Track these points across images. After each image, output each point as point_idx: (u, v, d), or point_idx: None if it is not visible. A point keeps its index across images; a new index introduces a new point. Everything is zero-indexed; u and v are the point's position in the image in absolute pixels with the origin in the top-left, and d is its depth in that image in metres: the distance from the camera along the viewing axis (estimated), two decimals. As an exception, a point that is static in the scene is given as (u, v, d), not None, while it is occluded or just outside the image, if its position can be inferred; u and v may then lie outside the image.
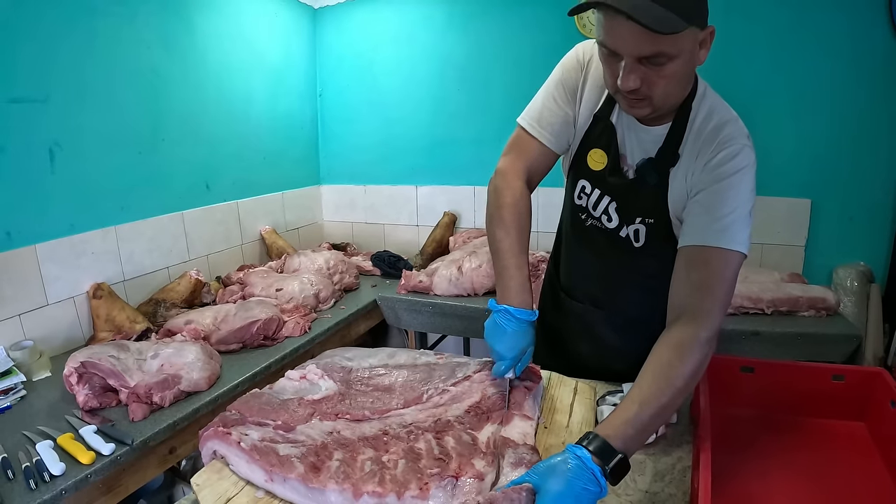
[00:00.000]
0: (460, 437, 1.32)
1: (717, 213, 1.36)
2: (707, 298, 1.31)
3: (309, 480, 1.20)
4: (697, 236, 1.38)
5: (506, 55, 3.79)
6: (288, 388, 1.65)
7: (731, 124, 1.44)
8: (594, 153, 1.61)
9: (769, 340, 2.78)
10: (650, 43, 1.22)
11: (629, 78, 1.29)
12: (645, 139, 1.53)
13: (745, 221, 1.35)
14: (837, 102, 3.16)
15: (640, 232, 1.59)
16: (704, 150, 1.43)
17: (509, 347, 1.47)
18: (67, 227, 2.69)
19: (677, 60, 1.27)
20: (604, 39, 1.30)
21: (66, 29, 2.60)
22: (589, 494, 1.06)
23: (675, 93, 1.39)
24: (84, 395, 2.10)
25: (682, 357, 1.24)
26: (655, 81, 1.30)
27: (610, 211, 1.62)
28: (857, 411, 1.58)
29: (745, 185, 1.38)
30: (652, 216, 1.55)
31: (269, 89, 3.95)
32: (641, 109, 1.38)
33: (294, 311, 2.95)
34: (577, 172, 1.68)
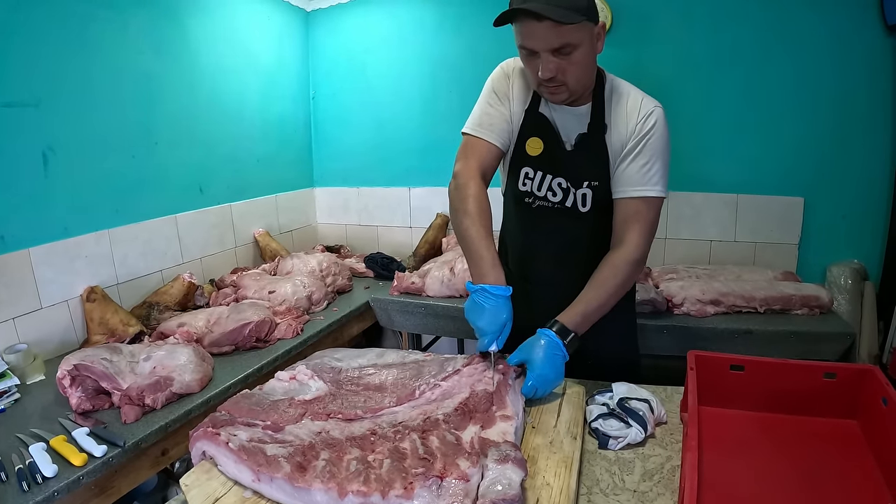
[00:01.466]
0: (444, 436, 1.32)
1: (640, 167, 1.75)
2: (634, 232, 1.77)
3: (295, 480, 1.20)
4: (626, 189, 1.77)
5: (497, 56, 3.71)
6: (278, 388, 1.66)
7: (642, 96, 1.78)
8: (531, 141, 1.88)
9: (762, 339, 2.80)
10: (557, 36, 1.56)
11: (547, 69, 1.62)
12: (573, 118, 1.83)
13: (662, 173, 1.76)
14: (830, 101, 3.18)
15: (587, 196, 1.85)
16: (630, 116, 1.76)
17: (489, 322, 1.68)
18: (61, 230, 2.70)
19: (581, 49, 1.61)
20: (523, 43, 1.64)
21: (59, 33, 2.62)
22: (558, 359, 1.66)
23: (584, 77, 1.70)
24: (77, 398, 2.10)
25: (616, 274, 1.76)
26: (567, 69, 1.63)
27: (553, 186, 1.88)
28: (848, 409, 1.54)
29: (659, 140, 1.74)
30: (597, 179, 1.83)
31: (262, 92, 3.97)
32: (560, 95, 1.71)
33: (286, 313, 2.96)
34: (517, 162, 1.94)
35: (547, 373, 1.64)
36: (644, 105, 1.75)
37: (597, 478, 1.40)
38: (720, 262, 3.55)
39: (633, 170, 1.75)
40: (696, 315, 2.94)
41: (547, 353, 1.65)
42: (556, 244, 1.98)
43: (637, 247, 1.77)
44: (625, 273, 1.76)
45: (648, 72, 3.35)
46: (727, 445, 1.48)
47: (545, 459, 1.38)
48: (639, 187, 1.75)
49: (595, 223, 1.89)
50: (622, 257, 1.77)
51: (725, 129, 3.38)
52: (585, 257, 1.90)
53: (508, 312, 1.69)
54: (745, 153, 3.37)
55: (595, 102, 1.80)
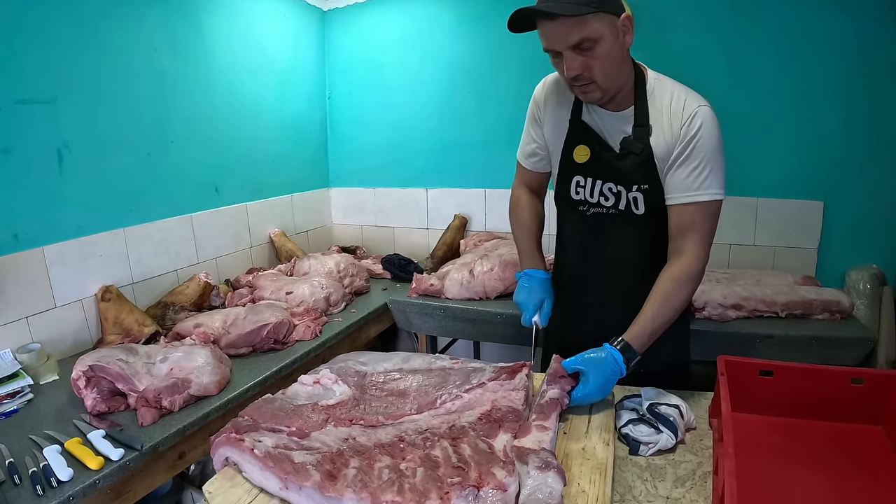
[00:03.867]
0: (476, 444, 1.30)
1: (691, 172, 1.70)
2: (693, 241, 1.73)
3: (325, 489, 1.17)
4: (678, 195, 1.73)
5: (515, 58, 3.77)
6: (301, 393, 1.63)
7: (688, 94, 1.73)
8: (578, 149, 1.88)
9: (783, 344, 2.75)
10: (573, 32, 1.55)
11: (570, 67, 1.61)
12: (617, 122, 1.80)
13: (716, 175, 1.70)
14: (849, 104, 3.13)
15: (638, 200, 1.81)
16: (675, 118, 1.71)
17: (527, 297, 2.00)
18: (75, 229, 2.67)
19: (602, 43, 1.58)
20: (544, 45, 1.64)
21: (74, 30, 2.59)
22: (613, 380, 1.64)
23: (613, 73, 1.66)
24: (92, 399, 2.07)
25: (679, 289, 1.72)
26: (592, 65, 1.61)
27: (605, 191, 1.86)
28: (875, 415, 1.57)
29: (709, 141, 1.68)
30: (645, 182, 1.78)
31: (278, 92, 3.94)
32: (592, 93, 1.68)
33: (304, 314, 2.93)
34: (567, 172, 1.94)
35: (595, 392, 1.63)
36: (688, 105, 1.70)
37: (629, 484, 1.40)
38: (739, 265, 3.51)
39: (683, 175, 1.71)
40: (718, 319, 2.90)
41: (605, 373, 1.63)
42: (614, 250, 1.95)
43: (697, 258, 1.74)
44: (688, 288, 1.74)
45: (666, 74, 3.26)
46: (756, 451, 1.50)
47: (579, 466, 1.37)
48: (690, 192, 1.71)
49: (651, 227, 1.85)
50: (683, 270, 1.73)
51: (745, 132, 3.32)
52: (644, 264, 1.89)
53: (546, 291, 2.02)
54: (765, 156, 3.32)
55: (638, 103, 1.75)
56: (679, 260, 1.74)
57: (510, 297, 3.25)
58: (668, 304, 1.71)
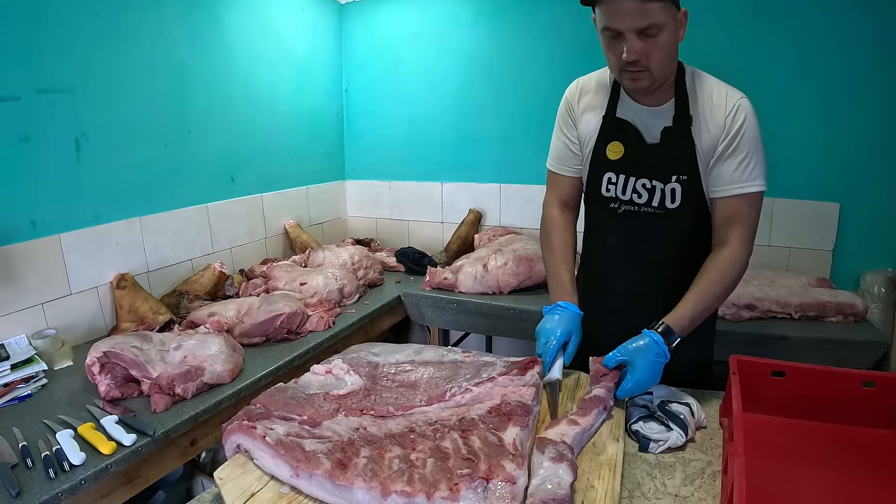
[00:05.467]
0: (486, 437, 1.29)
1: (738, 164, 1.70)
2: (738, 232, 1.73)
3: (336, 477, 1.17)
4: (725, 188, 1.73)
5: (533, 53, 3.76)
6: (313, 382, 1.63)
7: (727, 88, 1.74)
8: (612, 146, 1.85)
9: (796, 345, 2.74)
10: (643, 15, 1.53)
11: (632, 50, 1.57)
12: (655, 117, 1.78)
13: (760, 166, 1.71)
14: (866, 105, 3.10)
15: (675, 191, 1.78)
16: (716, 110, 1.71)
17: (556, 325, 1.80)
18: (92, 217, 2.69)
19: (665, 32, 1.57)
20: (607, 23, 1.59)
21: (93, 20, 2.60)
22: (660, 363, 1.62)
23: (666, 64, 1.65)
24: (106, 385, 2.09)
25: (723, 277, 1.71)
26: (651, 52, 1.59)
27: (638, 188, 1.83)
28: (886, 419, 1.55)
29: (753, 132, 1.70)
30: (685, 173, 1.76)
31: (295, 84, 3.94)
32: (642, 81, 1.65)
33: (318, 305, 2.93)
34: (599, 169, 1.91)
35: (647, 378, 1.61)
36: (730, 98, 1.70)
37: (638, 481, 1.39)
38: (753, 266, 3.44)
39: (731, 167, 1.70)
40: (731, 319, 2.88)
41: (650, 357, 1.61)
42: (645, 250, 1.91)
43: (742, 248, 1.73)
44: (732, 275, 1.72)
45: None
46: (766, 451, 1.49)
47: (588, 461, 1.37)
48: (738, 184, 1.71)
49: (685, 223, 1.84)
50: (728, 258, 1.73)
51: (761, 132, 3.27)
52: (676, 266, 1.88)
53: (576, 327, 1.83)
54: (781, 157, 3.28)
55: (678, 97, 1.74)
56: (724, 250, 1.74)
57: (524, 292, 3.27)
58: (711, 291, 1.70)
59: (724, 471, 1.32)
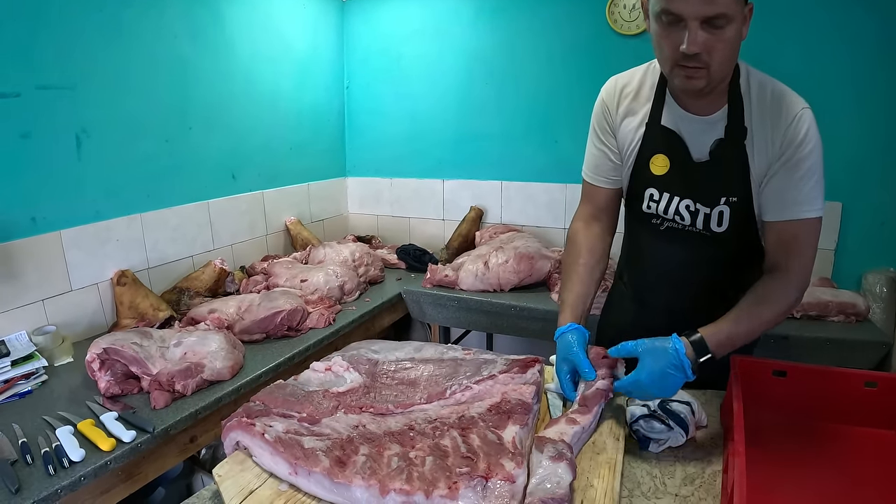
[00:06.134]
0: (486, 435, 1.28)
1: (796, 184, 1.50)
2: (795, 259, 1.54)
3: (334, 475, 1.17)
4: (781, 210, 1.54)
5: (534, 50, 3.75)
6: (313, 379, 1.63)
7: (788, 94, 1.54)
8: (656, 159, 1.67)
9: (798, 345, 2.73)
10: (712, 3, 1.33)
11: (694, 41, 1.37)
12: (705, 128, 1.60)
13: (820, 187, 1.51)
14: (871, 104, 3.08)
15: (724, 215, 1.62)
16: (776, 121, 1.51)
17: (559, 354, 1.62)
18: (93, 213, 2.69)
19: (733, 25, 1.37)
20: (667, 6, 1.38)
21: (94, 16, 2.60)
22: (670, 378, 1.42)
23: (728, 63, 1.46)
24: (106, 382, 2.09)
25: (770, 302, 1.52)
26: (715, 46, 1.39)
27: (681, 210, 1.67)
28: (888, 419, 1.55)
29: (816, 152, 1.50)
30: (735, 194, 1.59)
31: (296, 80, 3.94)
32: (698, 81, 1.45)
33: (318, 302, 2.93)
34: (641, 183, 1.74)
35: (647, 383, 1.43)
36: (792, 106, 1.51)
37: (638, 480, 1.38)
38: None
39: (787, 187, 1.51)
40: (733, 319, 2.87)
41: (660, 364, 1.42)
42: (688, 268, 1.77)
43: (797, 276, 1.54)
44: (783, 303, 1.53)
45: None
46: (767, 451, 1.48)
47: (588, 460, 1.36)
48: (795, 207, 1.51)
49: (731, 244, 1.68)
50: (781, 285, 1.54)
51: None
52: (720, 289, 1.72)
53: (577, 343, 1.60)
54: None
55: (732, 103, 1.56)
56: (776, 275, 1.55)
57: (525, 289, 3.27)
58: (756, 312, 1.50)
59: (725, 470, 1.32)
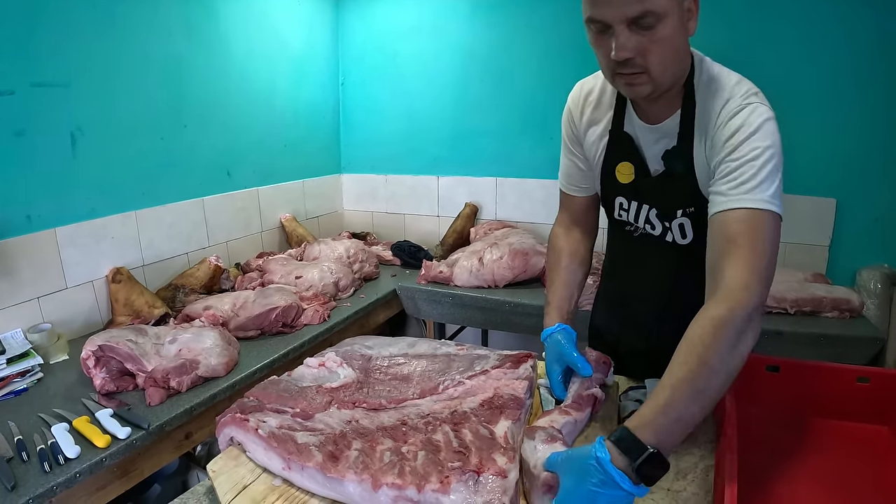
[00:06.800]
0: (478, 430, 1.29)
1: (732, 172, 1.31)
2: (741, 269, 1.21)
3: (327, 469, 1.17)
4: (721, 202, 1.31)
5: (531, 47, 3.75)
6: (306, 375, 1.63)
7: (735, 85, 1.40)
8: (621, 167, 1.59)
9: (792, 341, 2.73)
10: (635, 2, 1.21)
11: (622, 47, 1.26)
12: (657, 138, 1.51)
13: (768, 176, 1.29)
14: (866, 101, 3.08)
15: (685, 226, 1.52)
16: (716, 115, 1.38)
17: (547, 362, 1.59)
18: (88, 211, 2.69)
19: (666, 22, 1.25)
20: (591, 14, 1.29)
21: (89, 13, 2.60)
22: (606, 497, 1.04)
23: (671, 64, 1.33)
24: (101, 379, 2.09)
25: (716, 335, 1.14)
26: (649, 48, 1.27)
27: (651, 219, 1.59)
28: (880, 415, 1.55)
29: (760, 140, 1.31)
30: (691, 205, 1.48)
31: (291, 77, 3.94)
32: (642, 87, 1.34)
33: (313, 298, 2.94)
34: (609, 191, 1.67)
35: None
36: (733, 97, 1.37)
37: None
38: None
39: (725, 177, 1.32)
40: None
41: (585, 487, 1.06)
42: (665, 277, 1.67)
43: (744, 288, 1.20)
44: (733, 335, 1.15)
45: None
46: (759, 447, 1.48)
47: None
48: (733, 197, 1.29)
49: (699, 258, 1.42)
50: (727, 309, 1.17)
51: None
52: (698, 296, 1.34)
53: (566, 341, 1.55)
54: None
55: (685, 108, 1.44)
56: (717, 297, 1.22)
57: (519, 285, 3.27)
58: (699, 362, 1.12)
59: (717, 465, 1.32)
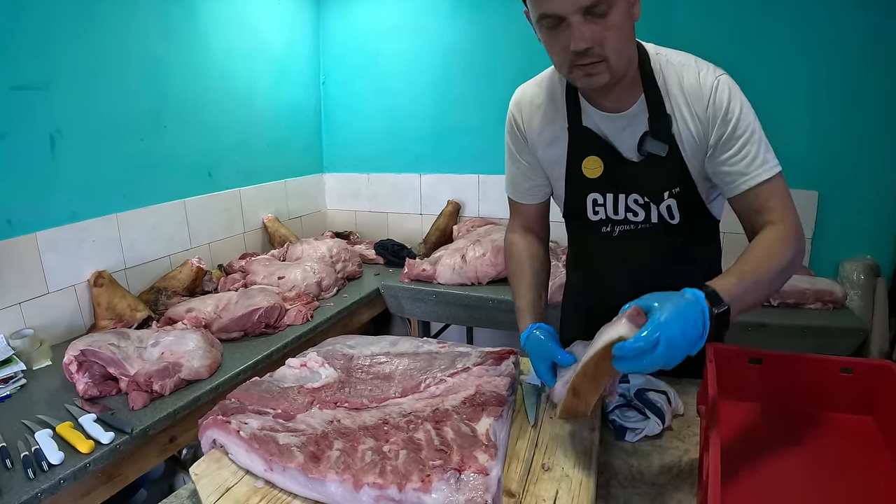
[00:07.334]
0: (459, 427, 1.29)
1: (742, 152, 1.43)
2: (777, 212, 1.41)
3: (309, 470, 1.17)
4: (740, 183, 1.44)
5: (511, 44, 3.76)
6: (288, 375, 1.63)
7: (699, 65, 1.48)
8: (587, 162, 1.59)
9: (776, 332, 2.75)
10: None
11: (581, 37, 1.29)
12: (625, 125, 1.53)
13: (764, 144, 1.44)
14: (849, 94, 3.11)
15: (672, 207, 1.56)
16: (695, 98, 1.46)
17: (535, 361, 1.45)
18: (68, 214, 2.68)
19: (618, 8, 1.28)
20: (543, 10, 1.32)
21: (68, 16, 2.59)
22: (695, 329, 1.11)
23: (624, 49, 1.37)
24: (84, 384, 2.09)
25: (779, 246, 1.34)
26: (605, 36, 1.30)
27: (631, 205, 1.60)
28: (865, 405, 1.53)
29: (745, 113, 1.44)
30: (677, 185, 1.53)
31: (272, 77, 3.93)
32: (600, 76, 1.36)
33: (296, 299, 2.94)
34: (579, 191, 1.64)
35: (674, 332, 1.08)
36: (705, 79, 1.45)
37: (615, 470, 1.38)
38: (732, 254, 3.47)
39: (734, 158, 1.44)
40: (710, 307, 2.88)
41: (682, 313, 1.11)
42: (652, 271, 1.64)
43: (789, 224, 1.40)
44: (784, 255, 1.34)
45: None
46: (743, 439, 1.47)
47: (564, 451, 1.35)
48: (749, 176, 1.42)
49: (688, 233, 1.61)
50: (774, 236, 1.37)
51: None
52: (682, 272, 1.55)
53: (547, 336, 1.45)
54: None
55: (648, 92, 1.48)
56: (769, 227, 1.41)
57: (502, 282, 3.27)
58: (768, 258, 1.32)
59: (701, 458, 1.30)
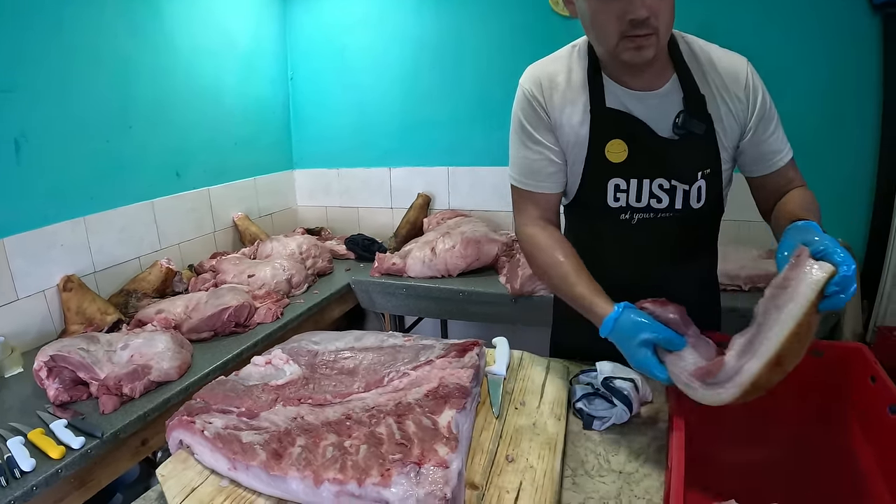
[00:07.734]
0: (421, 421, 1.29)
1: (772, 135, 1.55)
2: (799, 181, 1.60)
3: (271, 468, 1.19)
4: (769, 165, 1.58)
5: (478, 36, 3.78)
6: (253, 374, 1.64)
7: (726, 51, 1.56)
8: (612, 146, 1.53)
9: (747, 316, 2.69)
10: None
11: (643, 3, 1.28)
12: (658, 103, 1.51)
13: (781, 128, 1.57)
14: (816, 79, 3.14)
15: (701, 190, 1.56)
16: (732, 81, 1.51)
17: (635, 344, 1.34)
18: (36, 219, 2.67)
19: None
20: None
21: (32, 16, 2.57)
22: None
23: (671, 25, 1.39)
24: (55, 390, 2.09)
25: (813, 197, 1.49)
26: (660, 7, 1.31)
27: (655, 191, 1.56)
28: (835, 388, 1.50)
29: (766, 93, 1.54)
30: (709, 166, 1.55)
31: (239, 74, 3.91)
32: (648, 49, 1.35)
33: (266, 297, 2.94)
34: (600, 176, 1.57)
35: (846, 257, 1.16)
36: (738, 62, 1.52)
37: (581, 459, 1.37)
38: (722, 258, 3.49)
39: (765, 139, 1.54)
40: (680, 293, 2.91)
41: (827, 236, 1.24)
42: (667, 254, 1.66)
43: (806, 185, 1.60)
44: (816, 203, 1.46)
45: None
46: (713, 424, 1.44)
47: (528, 441, 1.36)
48: (779, 156, 1.56)
49: (707, 217, 1.66)
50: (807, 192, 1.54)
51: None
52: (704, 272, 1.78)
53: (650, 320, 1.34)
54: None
55: (681, 72, 1.50)
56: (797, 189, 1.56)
57: (472, 274, 3.29)
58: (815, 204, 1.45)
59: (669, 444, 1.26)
